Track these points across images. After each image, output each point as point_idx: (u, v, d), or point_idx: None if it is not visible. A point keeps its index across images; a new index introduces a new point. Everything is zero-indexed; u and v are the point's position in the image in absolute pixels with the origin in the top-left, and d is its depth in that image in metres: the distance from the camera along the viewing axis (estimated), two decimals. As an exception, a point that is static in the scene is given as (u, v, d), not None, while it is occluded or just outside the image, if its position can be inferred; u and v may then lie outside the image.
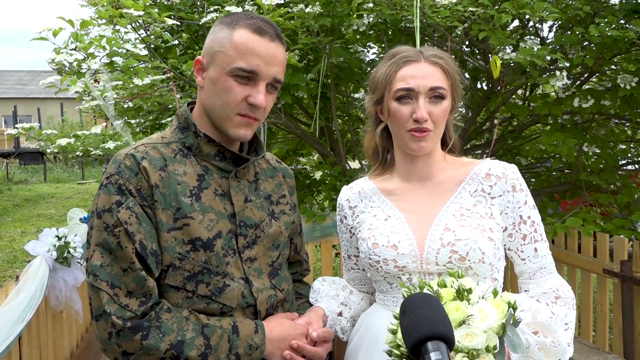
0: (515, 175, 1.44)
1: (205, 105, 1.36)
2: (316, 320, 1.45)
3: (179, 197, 1.29)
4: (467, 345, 1.08)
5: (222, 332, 1.26)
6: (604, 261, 3.59)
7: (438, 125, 1.42)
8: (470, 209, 1.41)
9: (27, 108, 28.78)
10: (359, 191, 1.58)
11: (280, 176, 1.54)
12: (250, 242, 1.37)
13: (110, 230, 1.23)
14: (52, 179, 19.08)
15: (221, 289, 1.30)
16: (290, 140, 5.20)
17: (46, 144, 4.17)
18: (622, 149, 4.37)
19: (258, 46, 1.28)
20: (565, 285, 1.44)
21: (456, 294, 1.15)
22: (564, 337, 1.34)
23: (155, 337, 1.20)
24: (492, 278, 1.41)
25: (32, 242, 3.05)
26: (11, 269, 7.12)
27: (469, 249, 1.34)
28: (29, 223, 10.42)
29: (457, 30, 3.35)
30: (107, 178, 1.27)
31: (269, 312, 1.39)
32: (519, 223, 1.43)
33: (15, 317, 2.38)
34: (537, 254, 1.43)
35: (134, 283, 1.22)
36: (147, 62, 3.46)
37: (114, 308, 1.20)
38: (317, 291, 1.59)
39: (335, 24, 3.55)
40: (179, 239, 1.27)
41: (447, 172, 1.49)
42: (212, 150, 1.36)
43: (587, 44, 3.43)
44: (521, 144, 4.53)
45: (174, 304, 1.28)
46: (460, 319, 1.10)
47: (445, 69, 1.43)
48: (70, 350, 3.63)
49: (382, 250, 1.41)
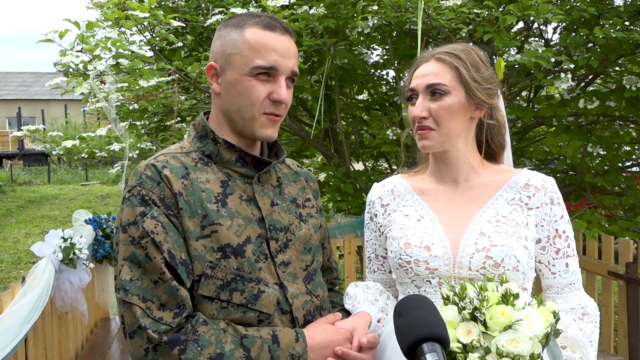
0: (554, 188, 1.40)
1: (225, 111, 1.32)
2: (362, 326, 1.36)
3: (205, 204, 1.25)
4: (512, 351, 1.05)
5: (262, 343, 1.21)
6: (609, 263, 3.58)
7: (441, 123, 1.36)
8: (507, 216, 1.37)
9: (31, 110, 28.88)
10: (392, 189, 1.53)
11: (303, 180, 1.50)
12: (282, 246, 1.32)
13: (137, 242, 1.19)
14: (56, 181, 19.14)
15: (256, 296, 1.25)
16: (294, 141, 5.20)
17: (51, 146, 4.18)
18: (626, 150, 4.37)
19: (272, 41, 1.26)
20: (592, 302, 1.41)
21: (502, 298, 1.12)
22: (591, 354, 1.33)
23: (194, 350, 1.15)
24: (522, 287, 1.36)
25: (38, 244, 3.06)
26: (16, 270, 7.14)
27: (505, 256, 1.30)
28: (33, 224, 10.46)
29: (462, 32, 3.35)
30: (129, 191, 1.24)
31: (307, 318, 1.33)
32: (554, 237, 1.39)
33: (21, 318, 2.39)
34: (568, 269, 1.40)
35: (166, 295, 1.18)
36: (152, 64, 3.47)
37: (149, 322, 1.15)
38: (353, 297, 1.49)
39: (339, 26, 3.55)
40: (208, 246, 1.23)
41: (484, 177, 1.44)
42: (232, 156, 1.32)
43: (592, 46, 3.42)
44: (526, 145, 4.53)
45: (209, 315, 1.22)
46: (506, 324, 1.08)
47: (452, 65, 1.37)
48: (75, 352, 3.64)
49: (414, 250, 1.36)
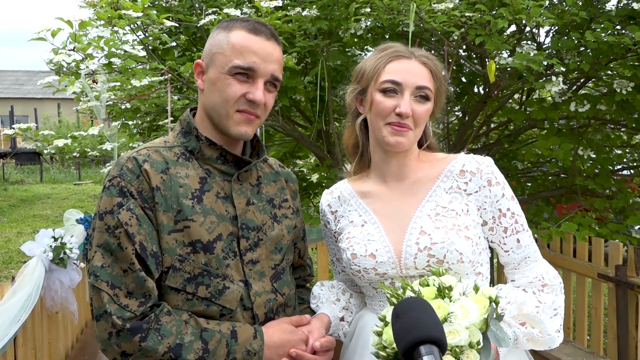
0: (490, 169, 1.41)
1: (206, 107, 1.38)
2: (318, 328, 1.41)
3: (180, 200, 1.30)
4: (450, 343, 1.08)
5: (221, 337, 1.26)
6: (598, 266, 3.60)
7: (418, 125, 1.40)
8: (446, 206, 1.39)
9: (23, 108, 28.71)
10: (339, 195, 1.56)
11: (282, 180, 1.54)
12: (252, 245, 1.37)
13: (111, 231, 1.25)
14: (48, 180, 19.03)
15: (221, 291, 1.30)
16: (287, 142, 5.20)
17: (43, 145, 4.16)
18: (617, 154, 4.39)
19: (254, 44, 1.32)
20: (551, 271, 1.42)
21: (437, 292, 1.16)
22: (550, 326, 1.34)
23: (154, 339, 1.21)
24: (476, 273, 1.40)
25: (28, 243, 3.04)
26: (7, 270, 7.09)
27: (446, 252, 1.33)
28: (24, 223, 10.39)
29: (454, 35, 3.37)
30: (110, 181, 1.29)
31: (269, 316, 1.38)
32: (498, 217, 1.40)
33: (10, 318, 2.38)
34: (520, 244, 1.41)
35: (133, 284, 1.23)
36: (145, 64, 3.46)
37: (114, 308, 1.21)
38: (318, 297, 1.56)
39: (332, 28, 3.56)
40: (179, 240, 1.28)
41: (422, 171, 1.46)
42: (213, 153, 1.37)
43: (583, 50, 3.44)
44: (517, 148, 4.54)
45: (174, 306, 1.28)
46: (442, 317, 1.11)
47: (433, 72, 1.42)
48: (65, 352, 3.62)
49: (361, 260, 1.40)
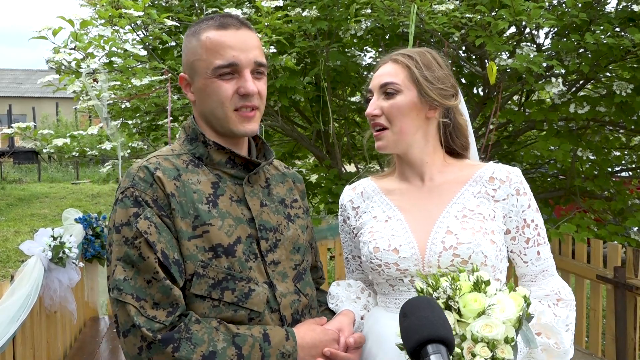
0: (519, 178, 1.42)
1: (203, 115, 1.36)
2: (348, 325, 1.40)
3: (196, 205, 1.27)
4: (487, 336, 1.08)
5: (254, 341, 1.24)
6: (597, 267, 3.61)
7: (393, 121, 1.40)
8: (474, 209, 1.39)
9: (22, 107, 28.65)
10: (362, 191, 1.56)
11: (290, 181, 1.53)
12: (272, 246, 1.35)
13: (130, 242, 1.21)
14: (46, 179, 18.98)
15: (247, 294, 1.28)
16: (286, 143, 5.21)
17: (42, 144, 4.15)
18: (616, 155, 4.40)
19: (227, 39, 1.29)
20: (566, 287, 1.43)
21: (474, 286, 1.15)
22: (566, 339, 1.35)
23: (187, 348, 1.18)
24: (495, 279, 1.39)
25: (27, 242, 3.04)
26: (4, 269, 7.08)
27: (472, 253, 1.32)
28: (22, 223, 10.37)
29: (454, 36, 3.37)
30: (122, 192, 1.26)
31: (295, 317, 1.36)
32: (522, 227, 1.41)
33: (9, 317, 2.38)
34: (540, 257, 1.42)
35: (159, 294, 1.20)
36: (145, 63, 3.46)
37: (142, 320, 1.17)
38: (336, 296, 1.53)
39: (332, 28, 3.56)
40: (200, 246, 1.26)
41: (449, 174, 1.46)
42: (222, 157, 1.35)
43: (583, 51, 3.45)
44: (516, 149, 4.55)
45: (201, 314, 1.25)
46: (480, 310, 1.11)
47: (405, 64, 1.40)
48: (64, 351, 3.62)
49: (383, 254, 1.39)
